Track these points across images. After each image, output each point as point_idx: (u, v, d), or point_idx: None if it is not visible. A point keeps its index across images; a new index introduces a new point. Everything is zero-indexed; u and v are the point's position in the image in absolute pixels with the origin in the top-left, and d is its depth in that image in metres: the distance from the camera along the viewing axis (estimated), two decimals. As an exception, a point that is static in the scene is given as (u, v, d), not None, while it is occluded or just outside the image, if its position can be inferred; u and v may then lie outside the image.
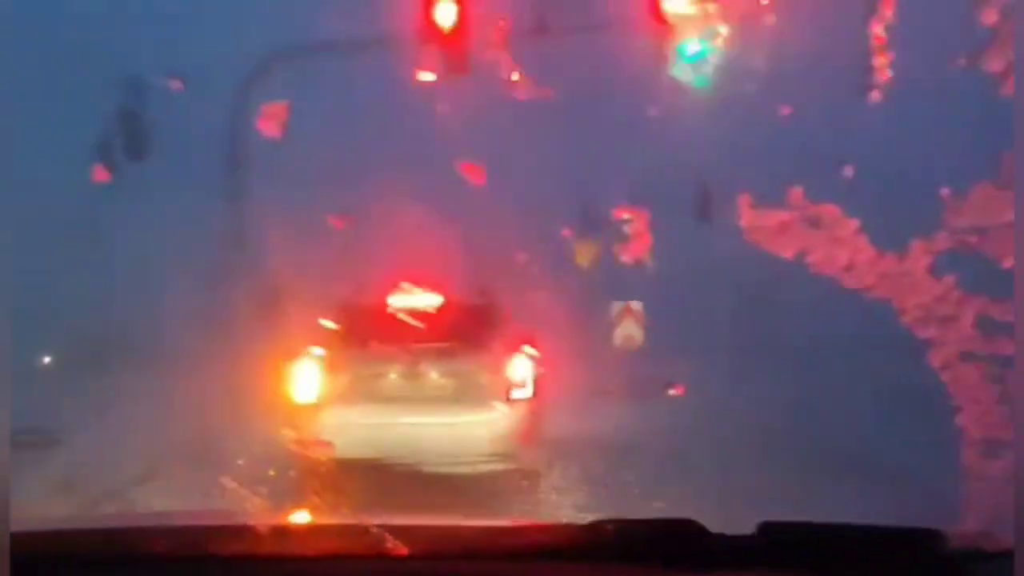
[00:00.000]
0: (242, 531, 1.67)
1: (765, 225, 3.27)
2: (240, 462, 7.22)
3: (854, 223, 3.13)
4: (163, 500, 6.65)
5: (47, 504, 6.13)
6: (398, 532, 1.57)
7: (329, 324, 7.74)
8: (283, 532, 1.71)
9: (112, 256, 12.43)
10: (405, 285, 7.76)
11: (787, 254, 3.21)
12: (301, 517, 1.95)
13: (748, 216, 3.29)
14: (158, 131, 11.68)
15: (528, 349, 7.72)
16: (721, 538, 1.49)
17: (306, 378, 7.49)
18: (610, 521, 1.55)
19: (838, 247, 3.10)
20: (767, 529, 1.47)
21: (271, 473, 6.76)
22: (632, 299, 13.34)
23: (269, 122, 7.26)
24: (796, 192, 3.26)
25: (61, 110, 13.02)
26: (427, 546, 1.59)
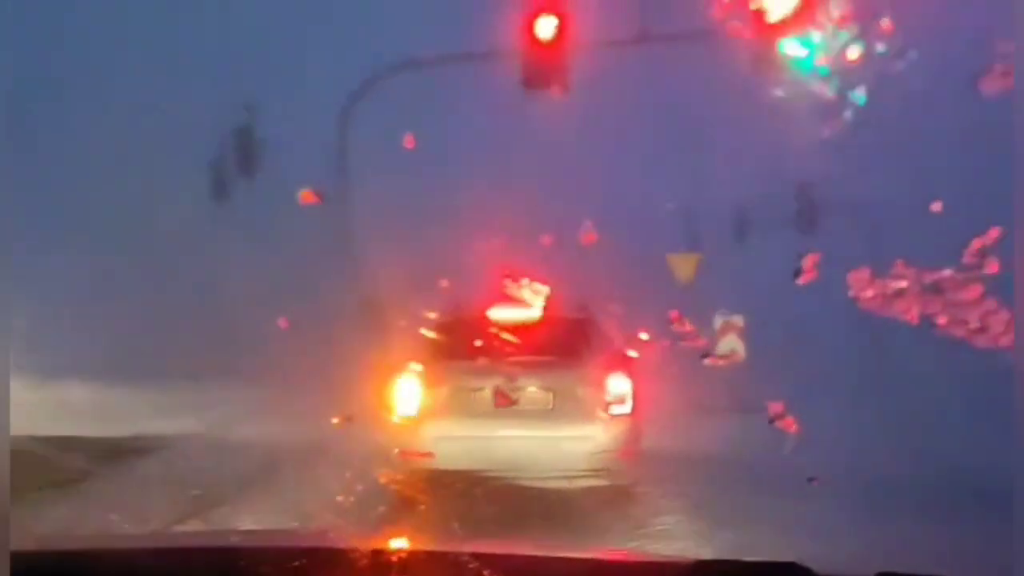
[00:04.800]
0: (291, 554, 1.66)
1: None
2: (341, 474, 7.34)
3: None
4: (255, 513, 6.80)
5: (150, 505, 6.36)
6: (497, 563, 1.54)
7: (429, 337, 7.82)
8: (369, 559, 1.67)
9: (219, 268, 12.83)
10: (504, 298, 7.78)
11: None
12: (390, 543, 1.90)
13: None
14: (268, 147, 12.01)
15: (626, 365, 7.64)
16: None
17: (406, 392, 7.58)
18: (719, 561, 1.49)
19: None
20: None
21: (370, 486, 6.86)
22: (734, 313, 13.06)
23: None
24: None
25: (173, 127, 13.54)
26: None
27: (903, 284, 2.84)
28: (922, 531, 5.58)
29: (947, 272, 2.83)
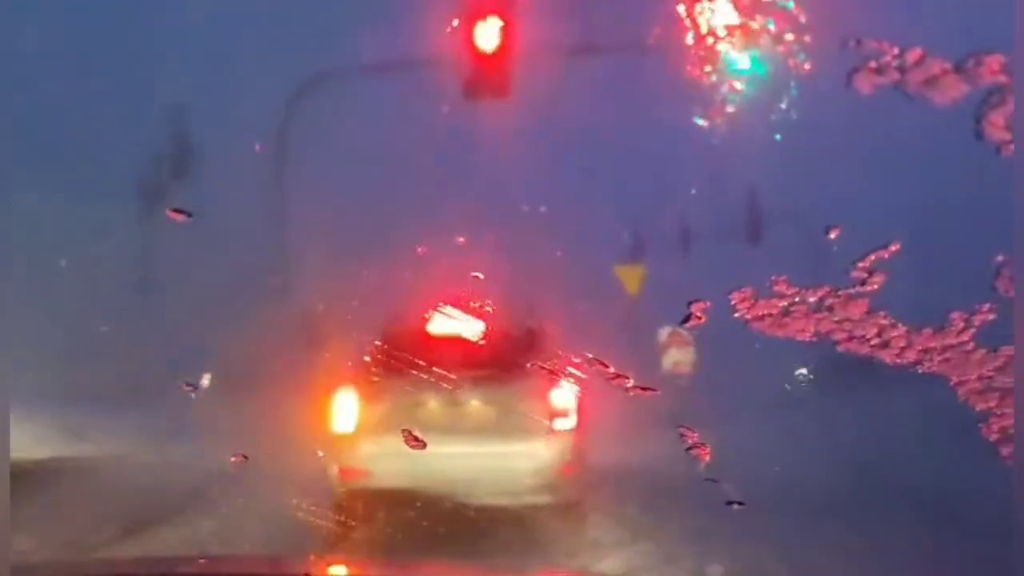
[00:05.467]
0: None
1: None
2: (277, 493, 7.10)
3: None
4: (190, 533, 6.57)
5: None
6: None
7: (368, 351, 7.63)
8: None
9: (152, 280, 12.52)
10: (446, 311, 7.59)
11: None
12: (318, 567, 1.79)
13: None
14: (199, 155, 11.73)
15: (571, 378, 7.49)
16: None
17: (345, 407, 7.38)
18: None
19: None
20: None
21: (307, 505, 6.64)
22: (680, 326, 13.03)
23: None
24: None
25: (105, 136, 13.21)
26: None
27: (786, 303, 2.76)
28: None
29: (828, 288, 2.77)
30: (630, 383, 3.70)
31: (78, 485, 7.74)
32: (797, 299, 2.73)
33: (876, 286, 2.64)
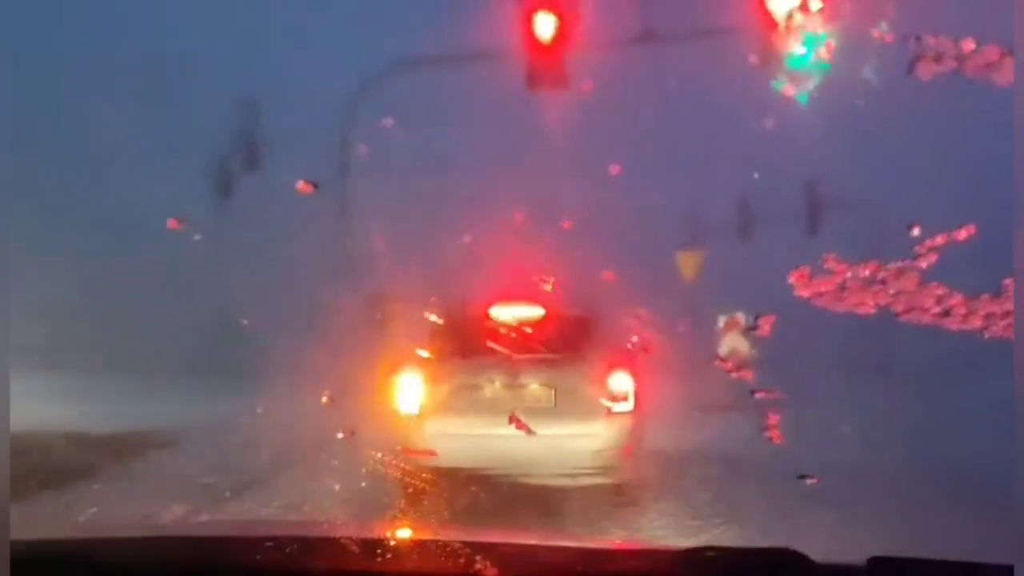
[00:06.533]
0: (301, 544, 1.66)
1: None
2: (343, 470, 7.34)
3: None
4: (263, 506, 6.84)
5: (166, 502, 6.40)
6: (489, 551, 1.53)
7: (432, 335, 7.80)
8: (362, 547, 1.68)
9: (225, 267, 12.83)
10: (507, 296, 7.76)
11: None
12: (384, 531, 1.92)
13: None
14: (272, 144, 12.00)
15: (628, 362, 7.62)
16: (825, 569, 1.41)
17: (408, 389, 7.57)
18: (710, 548, 1.49)
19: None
20: (877, 564, 1.38)
21: (371, 483, 6.86)
22: (739, 311, 13.03)
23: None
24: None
25: (177, 124, 13.57)
26: (518, 568, 1.54)
27: (842, 280, 2.85)
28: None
29: (875, 263, 2.85)
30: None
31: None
32: (849, 274, 2.84)
33: (926, 263, 2.74)
